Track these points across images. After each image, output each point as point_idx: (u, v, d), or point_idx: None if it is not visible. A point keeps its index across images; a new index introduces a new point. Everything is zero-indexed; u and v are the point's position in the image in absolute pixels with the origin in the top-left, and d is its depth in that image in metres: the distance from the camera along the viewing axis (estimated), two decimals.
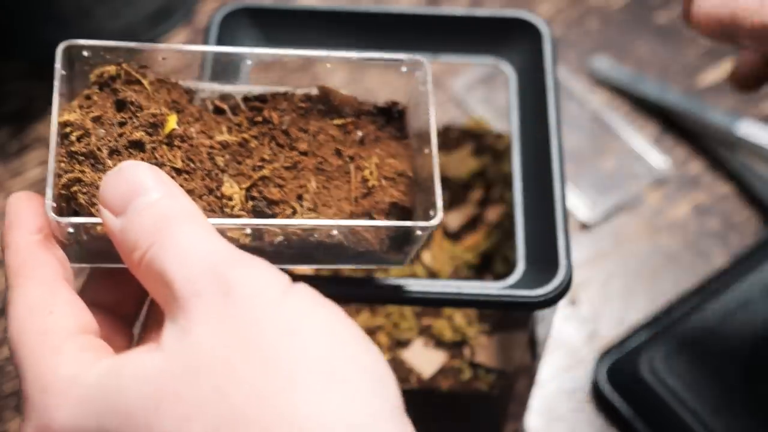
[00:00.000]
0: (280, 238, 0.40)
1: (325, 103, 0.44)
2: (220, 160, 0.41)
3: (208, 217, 0.37)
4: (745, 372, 0.61)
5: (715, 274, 0.68)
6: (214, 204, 0.40)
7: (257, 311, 0.32)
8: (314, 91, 0.44)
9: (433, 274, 0.56)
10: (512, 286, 0.46)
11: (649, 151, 0.74)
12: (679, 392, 0.60)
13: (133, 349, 0.35)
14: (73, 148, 0.38)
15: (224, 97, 0.43)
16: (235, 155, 0.41)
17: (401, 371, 0.53)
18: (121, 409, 0.32)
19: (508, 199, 0.58)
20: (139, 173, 0.36)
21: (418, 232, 0.41)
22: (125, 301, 0.41)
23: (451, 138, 0.62)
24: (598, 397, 0.64)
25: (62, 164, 0.38)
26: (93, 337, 0.36)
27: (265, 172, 0.41)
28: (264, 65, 0.43)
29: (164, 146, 0.39)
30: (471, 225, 0.59)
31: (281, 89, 0.43)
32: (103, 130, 0.39)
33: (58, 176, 0.38)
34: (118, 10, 0.73)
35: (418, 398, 0.54)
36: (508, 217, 0.57)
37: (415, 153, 0.44)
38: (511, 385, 0.54)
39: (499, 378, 0.53)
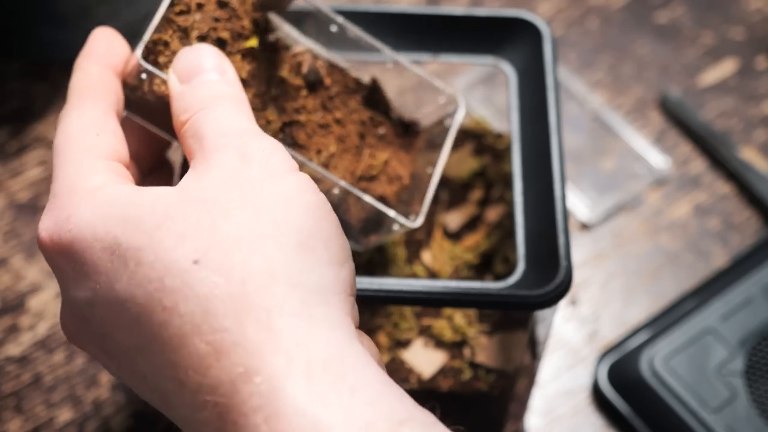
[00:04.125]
0: None
1: (370, 94, 0.50)
2: (273, 90, 0.46)
3: None
4: (745, 372, 0.61)
5: (715, 274, 0.68)
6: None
7: (262, 175, 0.38)
8: (366, 79, 0.50)
9: (433, 274, 0.56)
10: (512, 286, 0.46)
11: (649, 151, 0.74)
12: (679, 392, 0.60)
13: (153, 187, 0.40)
14: (172, 17, 0.44)
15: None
16: (286, 93, 0.47)
17: (401, 371, 0.53)
18: (131, 217, 0.37)
19: (508, 199, 0.58)
20: (209, 55, 0.43)
21: (395, 227, 0.47)
22: (143, 155, 0.47)
23: None
24: (598, 397, 0.64)
25: (159, 25, 0.44)
26: (123, 167, 0.42)
27: (302, 118, 0.47)
28: (342, 37, 0.50)
29: (239, 55, 0.45)
30: (471, 225, 0.59)
31: (343, 64, 0.50)
32: (200, 16, 0.44)
33: (153, 32, 0.44)
34: (119, 10, 0.73)
35: (418, 398, 0.54)
36: (508, 217, 0.57)
37: (417, 168, 0.49)
38: (511, 385, 0.54)
39: (499, 378, 0.53)
